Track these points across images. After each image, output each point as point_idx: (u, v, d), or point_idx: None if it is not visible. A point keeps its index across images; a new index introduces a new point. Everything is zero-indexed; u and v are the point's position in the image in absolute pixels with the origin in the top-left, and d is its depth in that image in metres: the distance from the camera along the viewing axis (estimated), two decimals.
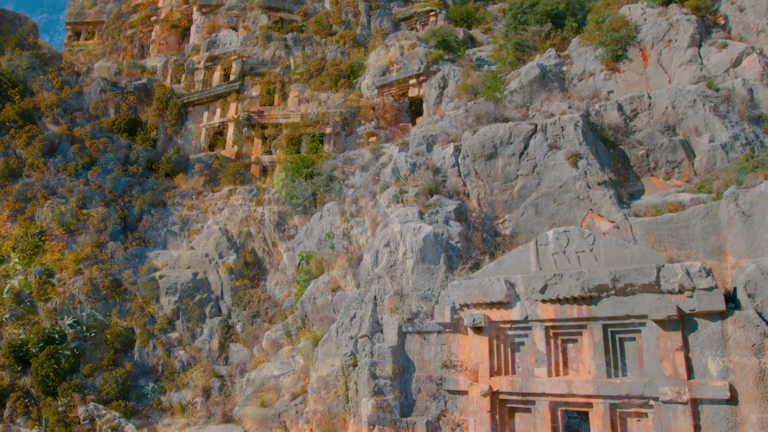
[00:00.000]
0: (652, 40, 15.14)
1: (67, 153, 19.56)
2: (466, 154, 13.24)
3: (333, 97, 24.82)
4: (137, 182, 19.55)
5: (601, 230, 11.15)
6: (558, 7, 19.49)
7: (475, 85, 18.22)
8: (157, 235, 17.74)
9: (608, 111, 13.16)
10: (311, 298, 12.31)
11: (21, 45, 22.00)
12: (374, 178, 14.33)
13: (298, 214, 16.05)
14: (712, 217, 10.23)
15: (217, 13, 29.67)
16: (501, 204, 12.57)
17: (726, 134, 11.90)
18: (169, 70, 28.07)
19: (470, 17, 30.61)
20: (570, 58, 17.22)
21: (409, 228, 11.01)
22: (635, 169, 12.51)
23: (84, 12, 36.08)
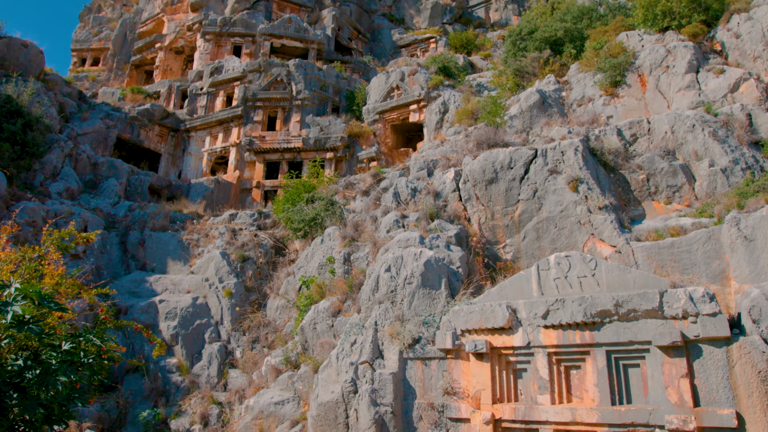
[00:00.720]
0: (650, 66, 15.30)
1: (69, 177, 19.65)
2: (466, 178, 13.27)
3: (334, 122, 25.03)
4: (138, 206, 19.59)
5: (603, 255, 11.11)
6: (556, 34, 19.78)
7: (476, 111, 18.38)
8: (157, 260, 17.70)
9: (608, 136, 13.23)
10: (312, 323, 12.21)
11: (27, 71, 22.29)
12: (375, 203, 14.35)
13: (299, 239, 16.03)
14: (714, 241, 10.19)
15: (220, 40, 30.14)
16: (502, 228, 12.56)
17: (726, 159, 11.93)
18: (173, 95, 28.39)
19: (470, 44, 31.10)
20: (569, 84, 17.40)
21: (410, 253, 10.97)
22: (636, 194, 12.52)
23: (90, 39, 36.70)
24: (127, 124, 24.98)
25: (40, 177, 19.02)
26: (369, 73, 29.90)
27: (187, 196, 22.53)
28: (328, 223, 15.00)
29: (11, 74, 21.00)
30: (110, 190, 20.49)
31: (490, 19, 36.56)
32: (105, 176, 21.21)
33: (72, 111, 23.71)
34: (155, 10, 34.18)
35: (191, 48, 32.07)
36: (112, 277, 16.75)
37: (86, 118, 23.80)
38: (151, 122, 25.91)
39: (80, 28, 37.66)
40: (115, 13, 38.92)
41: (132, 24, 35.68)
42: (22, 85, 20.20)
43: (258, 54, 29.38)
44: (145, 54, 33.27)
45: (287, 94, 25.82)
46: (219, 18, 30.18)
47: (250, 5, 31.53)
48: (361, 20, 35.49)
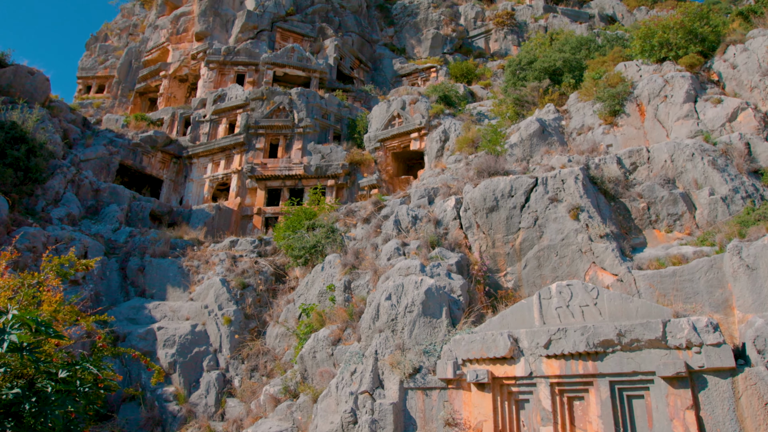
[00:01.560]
0: (648, 96, 15.47)
1: (71, 203, 19.70)
2: (467, 206, 13.29)
3: (336, 149, 25.20)
4: (139, 232, 19.59)
5: (605, 283, 11.05)
6: (555, 64, 20.06)
7: (476, 139, 18.52)
8: (157, 286, 17.60)
9: (608, 164, 13.30)
10: (311, 351, 12.07)
11: (33, 98, 22.57)
12: (376, 231, 14.34)
13: (300, 266, 15.97)
14: (716, 270, 10.14)
15: (224, 68, 30.57)
16: (503, 257, 12.52)
17: (726, 187, 11.96)
18: (176, 122, 28.67)
19: (470, 73, 31.54)
20: (568, 113, 17.56)
21: (411, 281, 10.92)
22: (637, 222, 12.51)
23: (96, 67, 37.24)
24: (130, 151, 25.17)
25: (42, 202, 19.07)
26: (370, 102, 30.25)
27: (188, 223, 22.54)
28: (328, 250, 14.96)
29: (17, 101, 21.25)
30: (111, 216, 20.51)
31: (489, 49, 37.13)
32: (107, 202, 21.27)
33: (76, 137, 23.91)
34: (161, 39, 34.76)
35: (195, 76, 32.51)
36: (110, 303, 16.64)
37: (90, 144, 23.99)
38: (154, 149, 26.10)
39: (86, 57, 38.25)
40: (121, 42, 39.58)
41: (137, 53, 36.25)
42: (27, 112, 20.42)
43: (261, 82, 29.76)
44: (150, 82, 33.71)
45: (289, 121, 26.06)
46: (223, 47, 30.67)
47: (253, 35, 32.08)
48: (363, 50, 36.05)
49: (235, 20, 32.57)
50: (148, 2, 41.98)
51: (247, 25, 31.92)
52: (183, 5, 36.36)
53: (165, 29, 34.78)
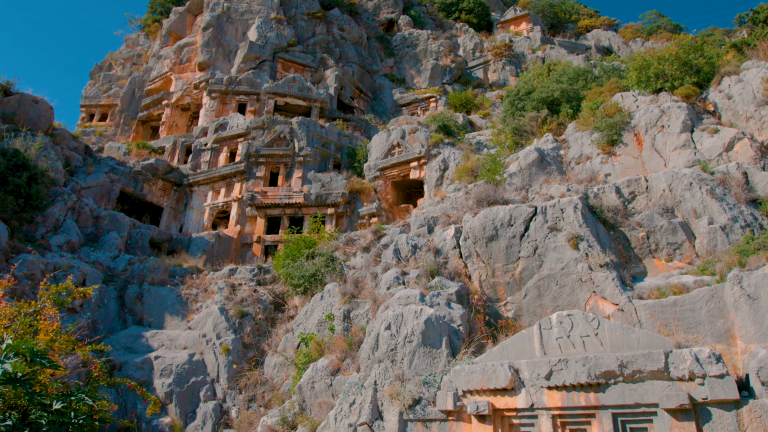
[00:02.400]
0: (645, 126, 15.62)
1: (71, 230, 19.70)
2: (467, 235, 13.29)
3: (336, 178, 25.33)
4: (138, 260, 19.54)
5: (605, 313, 10.97)
6: (553, 94, 20.33)
7: (475, 168, 18.63)
8: (155, 315, 17.48)
9: (606, 194, 13.35)
10: (310, 382, 11.92)
11: (36, 126, 22.80)
12: (375, 260, 14.31)
13: (299, 295, 15.89)
14: (718, 299, 10.09)
15: (225, 98, 30.94)
16: (503, 286, 12.47)
17: (724, 216, 11.99)
18: (177, 150, 28.88)
19: (469, 103, 31.93)
20: (567, 142, 17.71)
21: (411, 310, 10.85)
22: (636, 251, 12.50)
23: (99, 96, 37.70)
24: (131, 178, 25.29)
25: (42, 229, 19.07)
26: (370, 131, 30.53)
27: (188, 251, 22.51)
28: (328, 279, 14.90)
29: (20, 129, 21.45)
30: (111, 244, 20.49)
31: (488, 80, 37.66)
32: (106, 229, 21.27)
33: (77, 165, 24.06)
34: (164, 69, 35.27)
35: (197, 105, 32.88)
36: (108, 331, 16.50)
37: (91, 171, 24.12)
38: (155, 176, 26.24)
39: (90, 85, 38.76)
40: (125, 72, 40.16)
41: (141, 82, 36.75)
42: (30, 140, 20.59)
43: (262, 111, 30.09)
44: (152, 110, 34.08)
45: (290, 150, 26.25)
46: (225, 77, 31.10)
47: (255, 65, 32.56)
48: (363, 80, 36.56)
49: (238, 51, 33.11)
50: (153, 33, 42.76)
51: (249, 55, 32.44)
52: (186, 36, 37.02)
53: (168, 59, 35.33)
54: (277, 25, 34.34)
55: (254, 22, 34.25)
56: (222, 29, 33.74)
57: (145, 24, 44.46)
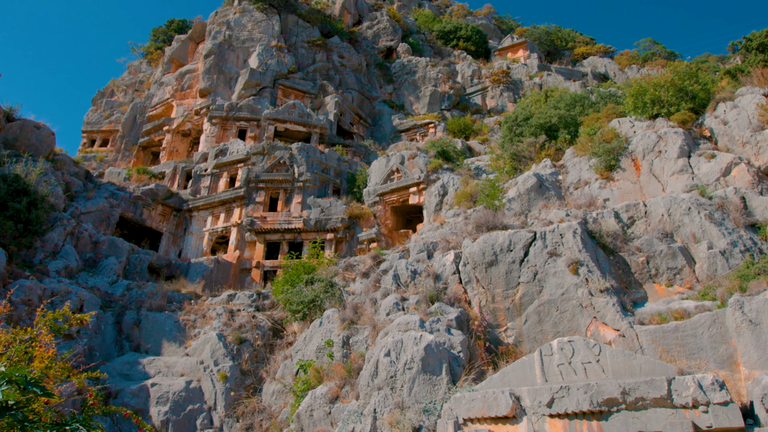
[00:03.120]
0: (642, 151, 15.73)
1: (69, 255, 19.64)
2: (466, 261, 13.26)
3: (335, 203, 25.38)
4: (137, 286, 19.43)
5: (607, 339, 10.89)
6: (551, 120, 20.51)
7: (474, 194, 18.68)
8: (152, 341, 17.31)
9: (605, 219, 13.37)
10: (308, 410, 11.75)
11: (38, 151, 22.93)
12: (375, 285, 14.25)
13: (298, 321, 15.77)
14: (719, 325, 10.02)
15: (226, 124, 31.19)
16: (503, 312, 12.39)
17: (724, 241, 11.99)
18: (177, 176, 28.99)
19: (467, 129, 32.19)
20: (565, 168, 17.80)
21: (410, 337, 10.76)
22: (636, 276, 12.46)
23: (101, 121, 38.02)
24: (131, 204, 25.33)
25: (40, 255, 19.01)
26: (370, 157, 30.70)
27: (186, 276, 22.41)
28: (327, 305, 14.81)
29: (22, 154, 21.57)
30: (109, 269, 20.41)
31: (486, 106, 38.03)
32: (105, 254, 21.21)
33: (78, 190, 24.12)
34: (165, 95, 35.64)
35: (198, 131, 33.13)
36: (104, 358, 16.32)
37: (91, 197, 24.17)
38: (155, 202, 26.28)
39: (92, 111, 39.11)
40: (127, 98, 40.57)
41: (142, 108, 37.09)
42: (31, 165, 20.68)
43: (262, 137, 30.29)
44: (153, 136, 34.31)
45: (289, 176, 26.36)
46: (226, 103, 31.41)
47: (256, 92, 32.91)
48: (363, 106, 36.92)
49: (239, 77, 33.51)
50: (155, 60, 43.35)
51: (250, 82, 32.81)
52: (188, 63, 37.51)
53: (170, 86, 35.73)
54: (278, 52, 34.83)
55: (255, 50, 34.75)
56: (223, 56, 34.21)
57: (148, 51, 45.11)
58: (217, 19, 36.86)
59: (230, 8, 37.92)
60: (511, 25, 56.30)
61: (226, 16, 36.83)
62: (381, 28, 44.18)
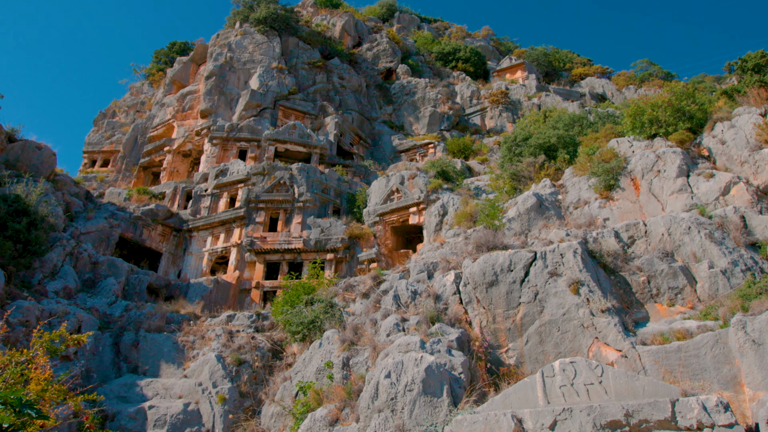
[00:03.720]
0: (641, 171, 15.78)
1: (68, 276, 19.57)
2: (467, 281, 13.21)
3: (335, 223, 25.37)
4: (135, 306, 19.33)
5: (609, 359, 10.79)
6: (550, 140, 20.63)
7: (474, 213, 18.69)
8: (150, 362, 17.15)
9: (606, 238, 13.36)
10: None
11: (39, 172, 23.00)
12: (375, 306, 14.17)
13: (297, 342, 15.64)
14: (722, 345, 9.95)
15: (226, 144, 31.35)
16: (504, 332, 12.30)
17: (724, 260, 11.96)
18: (177, 196, 29.04)
19: (467, 149, 32.36)
20: (564, 187, 17.84)
21: (411, 358, 10.66)
22: (638, 296, 12.40)
23: (102, 142, 38.25)
24: (131, 224, 25.32)
25: (39, 275, 18.94)
26: (369, 177, 30.79)
27: (185, 296, 22.30)
28: (327, 326, 14.71)
29: (23, 174, 21.63)
30: (108, 290, 20.32)
31: (485, 126, 38.28)
32: (104, 275, 21.13)
33: (78, 210, 24.13)
34: (166, 116, 35.89)
35: (198, 151, 33.28)
36: (101, 380, 16.15)
37: (91, 217, 24.17)
38: (155, 222, 26.27)
39: (93, 132, 39.36)
40: (129, 119, 40.86)
41: (143, 129, 37.33)
42: (32, 185, 20.73)
43: (262, 158, 30.42)
44: (154, 156, 34.47)
45: (289, 196, 26.41)
46: (226, 124, 31.61)
47: (256, 113, 33.16)
48: (363, 127, 37.16)
49: (239, 98, 33.78)
50: (157, 82, 43.77)
51: (251, 103, 33.08)
52: (189, 84, 37.86)
53: (171, 107, 36.00)
54: (279, 73, 35.17)
55: (256, 71, 35.10)
56: (224, 78, 34.54)
57: (150, 73, 45.58)
58: (219, 42, 37.31)
59: (232, 31, 38.42)
60: (509, 46, 56.97)
61: (228, 39, 37.29)
62: (381, 50, 44.69)
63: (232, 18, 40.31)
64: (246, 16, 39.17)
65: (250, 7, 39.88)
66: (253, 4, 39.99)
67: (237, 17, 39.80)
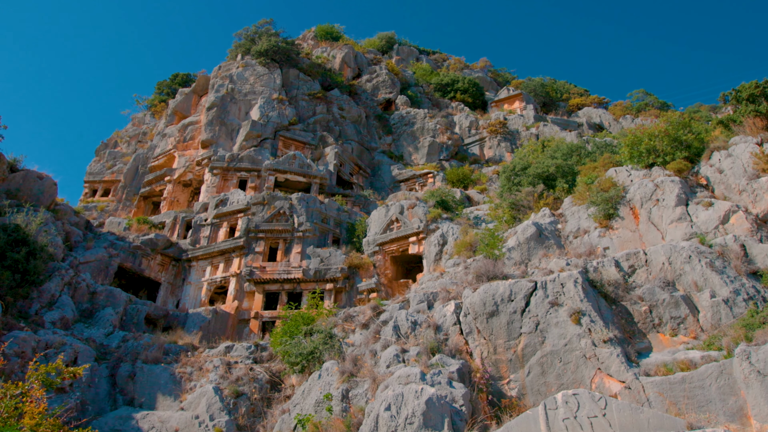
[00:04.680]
0: (640, 200, 15.84)
1: (66, 306, 19.43)
2: (467, 311, 13.12)
3: (335, 253, 25.32)
4: (133, 337, 19.13)
5: (612, 391, 10.64)
6: (548, 169, 20.76)
7: (474, 243, 18.67)
8: (147, 394, 16.88)
9: (606, 267, 13.32)
10: None
11: (39, 201, 23.06)
12: (375, 336, 14.04)
13: (296, 374, 15.43)
14: (727, 376, 9.82)
15: (227, 174, 31.51)
16: (505, 363, 12.15)
17: (726, 290, 11.91)
18: (177, 226, 29.05)
19: (466, 178, 32.53)
20: (564, 216, 17.87)
21: (411, 390, 10.51)
22: (640, 326, 12.30)
23: (103, 172, 38.47)
24: (130, 253, 25.26)
25: (36, 305, 18.81)
26: (369, 207, 30.86)
27: (183, 327, 22.09)
28: (326, 357, 14.54)
29: (24, 204, 21.68)
30: (106, 320, 20.15)
31: (484, 156, 38.57)
32: (102, 305, 20.99)
33: (77, 239, 24.10)
34: (168, 146, 36.18)
35: (199, 181, 33.44)
36: (97, 413, 15.86)
37: (90, 246, 24.13)
38: (154, 252, 26.22)
39: (95, 162, 39.62)
40: (130, 149, 41.18)
41: (144, 159, 37.59)
42: (32, 215, 20.75)
43: (262, 187, 30.55)
44: (154, 186, 34.61)
45: (289, 225, 26.41)
46: (227, 154, 31.84)
47: (257, 143, 33.43)
48: (362, 156, 37.43)
49: (240, 129, 34.11)
50: (159, 112, 44.27)
51: (252, 133, 33.38)
52: (191, 115, 38.29)
53: (173, 137, 36.33)
54: (279, 104, 35.60)
55: (257, 102, 35.53)
56: (225, 109, 34.95)
57: (152, 104, 46.14)
58: (221, 73, 37.88)
59: (233, 63, 39.04)
60: (506, 77, 57.84)
61: (229, 70, 37.86)
62: (380, 81, 45.34)
63: (234, 50, 41.02)
64: (248, 49, 39.86)
65: (252, 40, 40.62)
66: (255, 37, 40.75)
67: (239, 50, 40.50)
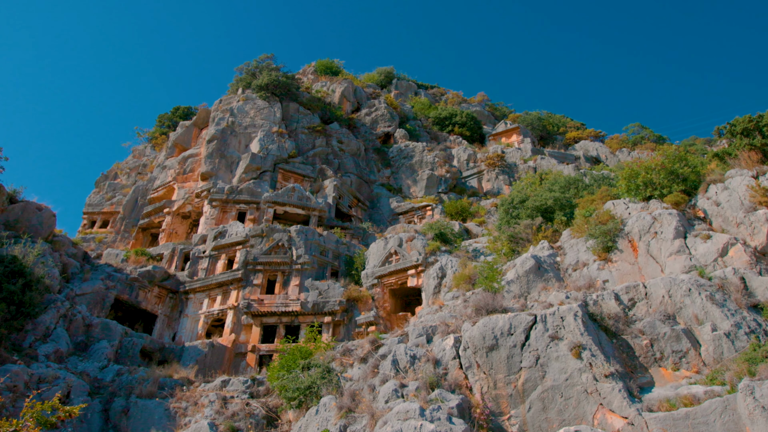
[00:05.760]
0: (639, 233, 15.87)
1: (60, 339, 19.20)
2: (466, 345, 12.99)
3: (333, 286, 25.19)
4: (127, 371, 18.85)
5: (614, 427, 10.46)
6: (546, 202, 20.86)
7: (473, 276, 18.60)
8: (140, 430, 16.53)
9: (606, 301, 13.25)
10: None
11: (37, 232, 23.02)
12: (373, 371, 13.85)
13: (293, 409, 15.16)
14: (731, 411, 9.68)
15: (226, 206, 31.58)
16: (505, 398, 11.96)
17: (727, 323, 11.83)
18: (175, 257, 28.95)
19: (465, 211, 32.64)
20: (563, 249, 17.86)
21: (410, 426, 10.32)
22: (641, 360, 12.17)
23: (102, 203, 38.54)
24: (127, 285, 25.10)
25: (31, 338, 18.59)
26: (368, 239, 30.86)
27: (180, 360, 21.79)
28: (324, 391, 14.32)
29: (22, 235, 21.64)
30: (101, 353, 19.89)
31: (482, 188, 38.80)
32: (97, 338, 20.75)
33: (74, 271, 23.98)
34: (167, 178, 36.37)
35: (198, 213, 33.48)
36: None
37: (87, 278, 23.99)
38: (151, 284, 26.06)
39: (94, 193, 39.73)
40: (130, 181, 41.37)
41: (144, 190, 37.72)
42: (29, 246, 20.69)
43: (261, 220, 30.58)
44: (153, 218, 34.63)
45: (287, 258, 26.33)
46: (226, 186, 31.98)
47: (256, 175, 33.63)
48: (361, 189, 37.63)
49: (240, 162, 34.36)
50: (159, 144, 44.65)
51: (251, 166, 33.61)
52: (191, 147, 38.61)
53: (172, 169, 36.55)
54: (279, 138, 35.97)
55: (257, 135, 35.90)
56: (226, 141, 35.28)
57: (153, 136, 46.58)
58: (221, 107, 38.38)
59: (234, 96, 39.61)
60: (504, 111, 58.67)
61: (230, 104, 38.38)
62: (379, 115, 45.95)
63: (235, 84, 41.67)
64: (249, 83, 40.50)
65: (252, 74, 41.32)
66: (256, 72, 41.46)
67: (240, 83, 41.14)
